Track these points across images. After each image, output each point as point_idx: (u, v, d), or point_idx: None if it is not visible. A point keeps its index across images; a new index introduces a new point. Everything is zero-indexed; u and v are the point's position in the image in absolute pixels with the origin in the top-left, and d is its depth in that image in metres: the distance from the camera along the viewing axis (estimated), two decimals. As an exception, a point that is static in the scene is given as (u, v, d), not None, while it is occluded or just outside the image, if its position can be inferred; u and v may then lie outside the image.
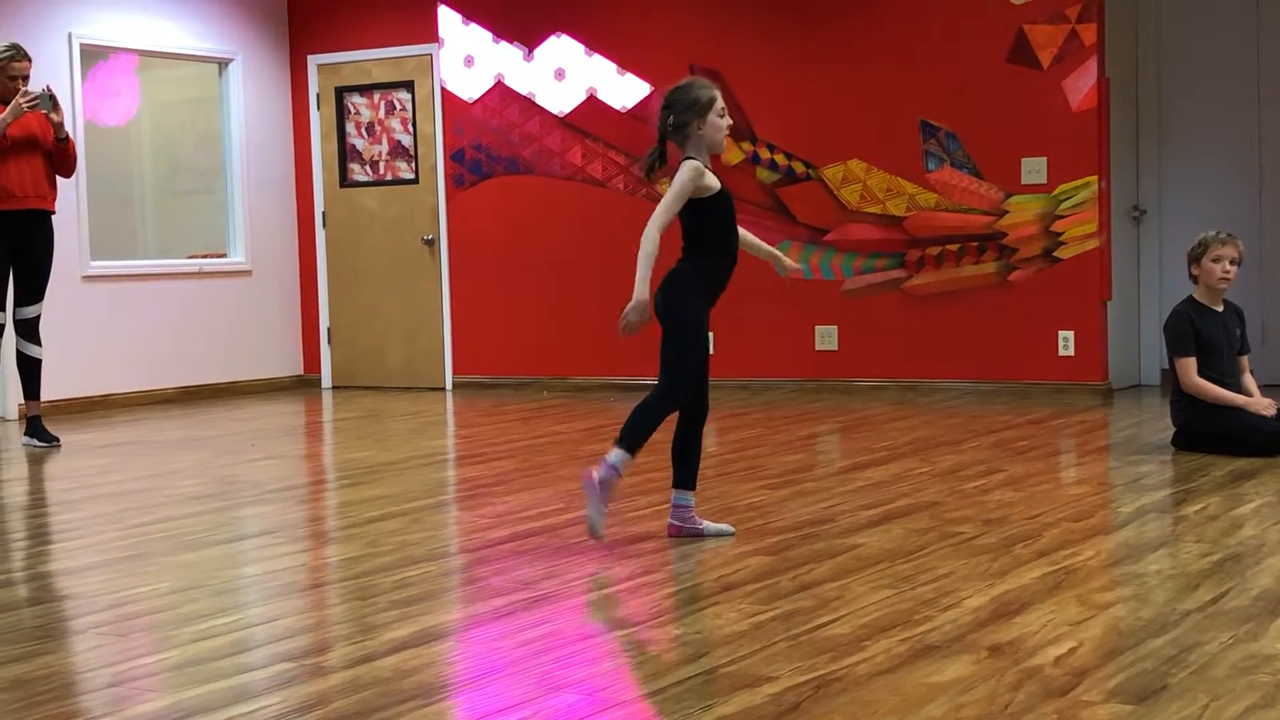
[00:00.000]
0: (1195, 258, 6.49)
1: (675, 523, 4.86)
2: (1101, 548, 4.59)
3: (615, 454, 4.67)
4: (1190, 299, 6.53)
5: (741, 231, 4.92)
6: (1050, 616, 3.69)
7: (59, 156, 7.67)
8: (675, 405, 4.74)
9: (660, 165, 4.77)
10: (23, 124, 7.51)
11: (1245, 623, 3.58)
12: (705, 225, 4.73)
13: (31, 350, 7.76)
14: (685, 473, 4.85)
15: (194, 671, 3.43)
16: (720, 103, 4.71)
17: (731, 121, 4.77)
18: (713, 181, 4.67)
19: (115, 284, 9.86)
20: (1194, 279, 6.54)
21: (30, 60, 7.66)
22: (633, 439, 4.68)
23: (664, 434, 4.80)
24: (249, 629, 3.92)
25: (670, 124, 4.69)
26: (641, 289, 4.57)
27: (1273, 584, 3.99)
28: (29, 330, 7.73)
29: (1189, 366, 6.40)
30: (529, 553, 4.71)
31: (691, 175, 4.62)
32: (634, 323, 4.59)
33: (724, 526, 4.90)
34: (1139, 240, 9.50)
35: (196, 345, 10.34)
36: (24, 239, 7.61)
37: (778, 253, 5.16)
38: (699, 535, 4.83)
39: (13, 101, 7.42)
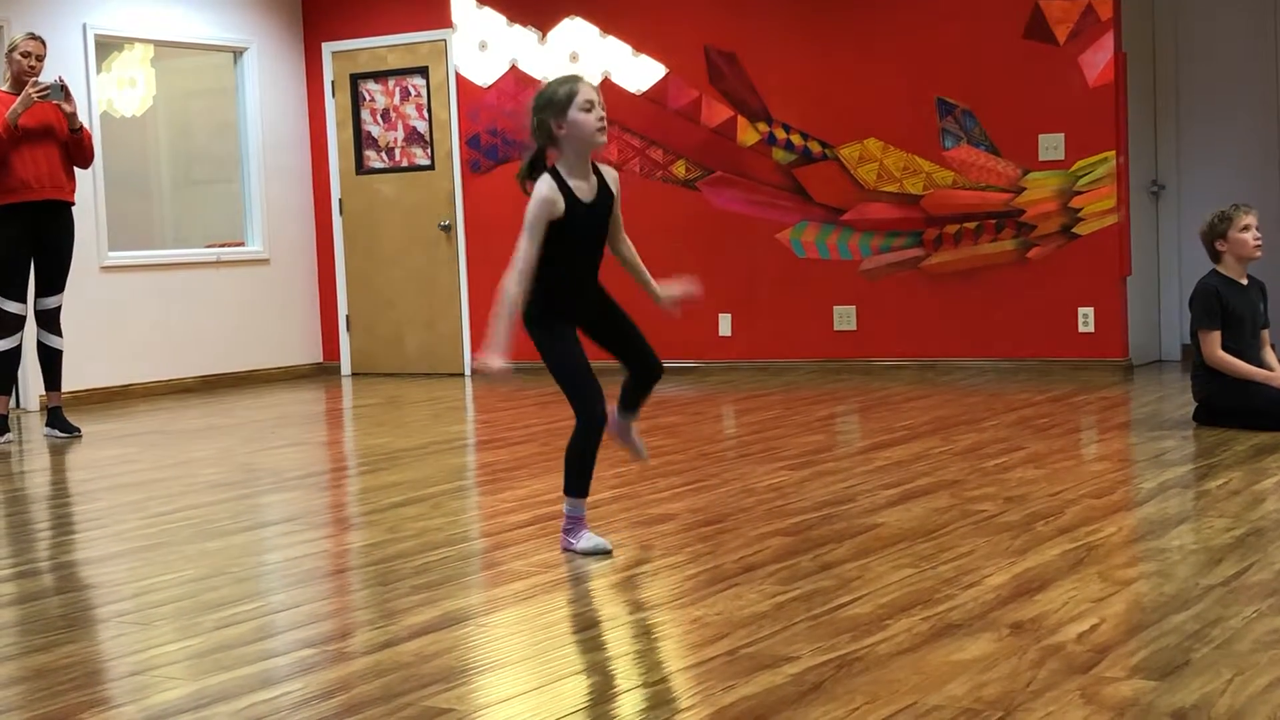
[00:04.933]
0: (1220, 233, 6.44)
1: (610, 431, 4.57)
2: (1123, 524, 4.58)
3: (566, 504, 4.47)
4: (1215, 272, 6.50)
5: (632, 258, 4.55)
6: (1072, 593, 3.68)
7: (75, 147, 7.67)
8: (594, 423, 4.37)
9: (534, 173, 4.31)
10: (37, 114, 7.52)
11: (1268, 597, 3.57)
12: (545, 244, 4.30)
13: (52, 341, 7.78)
14: (626, 399, 4.58)
15: (217, 659, 3.44)
16: (584, 96, 4.20)
17: (603, 114, 4.22)
18: (559, 207, 4.24)
19: (133, 274, 9.88)
20: (1215, 256, 6.50)
21: (43, 42, 7.67)
22: (575, 482, 4.43)
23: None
24: (271, 616, 3.93)
25: (534, 127, 4.27)
26: (497, 340, 4.25)
27: (1296, 558, 3.98)
28: (50, 321, 7.76)
29: (1214, 340, 6.37)
30: (549, 536, 4.71)
31: (537, 208, 4.23)
32: (490, 370, 4.25)
33: (601, 544, 4.45)
34: (1158, 215, 9.46)
35: (215, 334, 10.36)
36: (44, 230, 7.62)
37: (653, 286, 4.57)
38: (628, 446, 4.69)
39: (23, 91, 7.43)
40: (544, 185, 4.26)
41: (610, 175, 4.45)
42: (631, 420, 4.72)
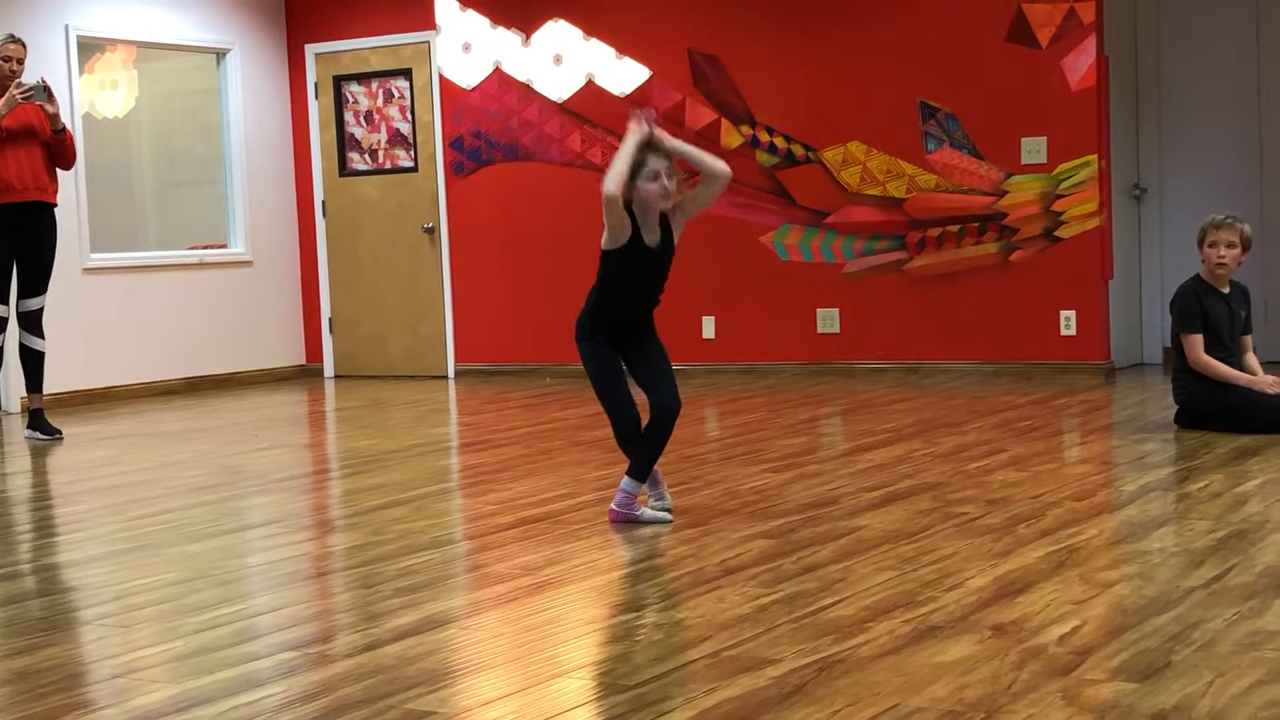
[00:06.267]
0: (1198, 242, 6.51)
1: (615, 508, 4.88)
2: (1105, 526, 4.59)
3: (625, 480, 4.90)
4: (1197, 277, 6.54)
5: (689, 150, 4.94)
6: (1054, 596, 3.69)
7: (57, 148, 7.67)
8: (621, 432, 4.86)
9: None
10: (20, 116, 7.51)
11: (1249, 599, 3.58)
12: (605, 271, 4.82)
13: (35, 343, 7.76)
14: (634, 464, 4.87)
15: (198, 662, 3.43)
16: (651, 167, 4.70)
17: (666, 185, 4.71)
18: (618, 237, 4.74)
19: (116, 276, 9.85)
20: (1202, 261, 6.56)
21: (24, 45, 7.66)
22: (631, 467, 4.88)
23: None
24: (253, 618, 3.92)
25: None
26: (631, 142, 4.69)
27: (1276, 560, 3.99)
28: (32, 323, 7.74)
29: (1196, 343, 6.40)
30: (532, 539, 4.71)
31: (610, 214, 4.69)
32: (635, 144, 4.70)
33: (661, 514, 4.89)
34: (1140, 218, 9.49)
35: (198, 336, 10.34)
36: (26, 231, 7.61)
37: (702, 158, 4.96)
38: (635, 522, 4.84)
39: (6, 93, 7.43)
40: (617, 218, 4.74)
41: (678, 226, 4.92)
42: (636, 489, 4.89)
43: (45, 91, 7.51)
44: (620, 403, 4.84)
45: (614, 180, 4.64)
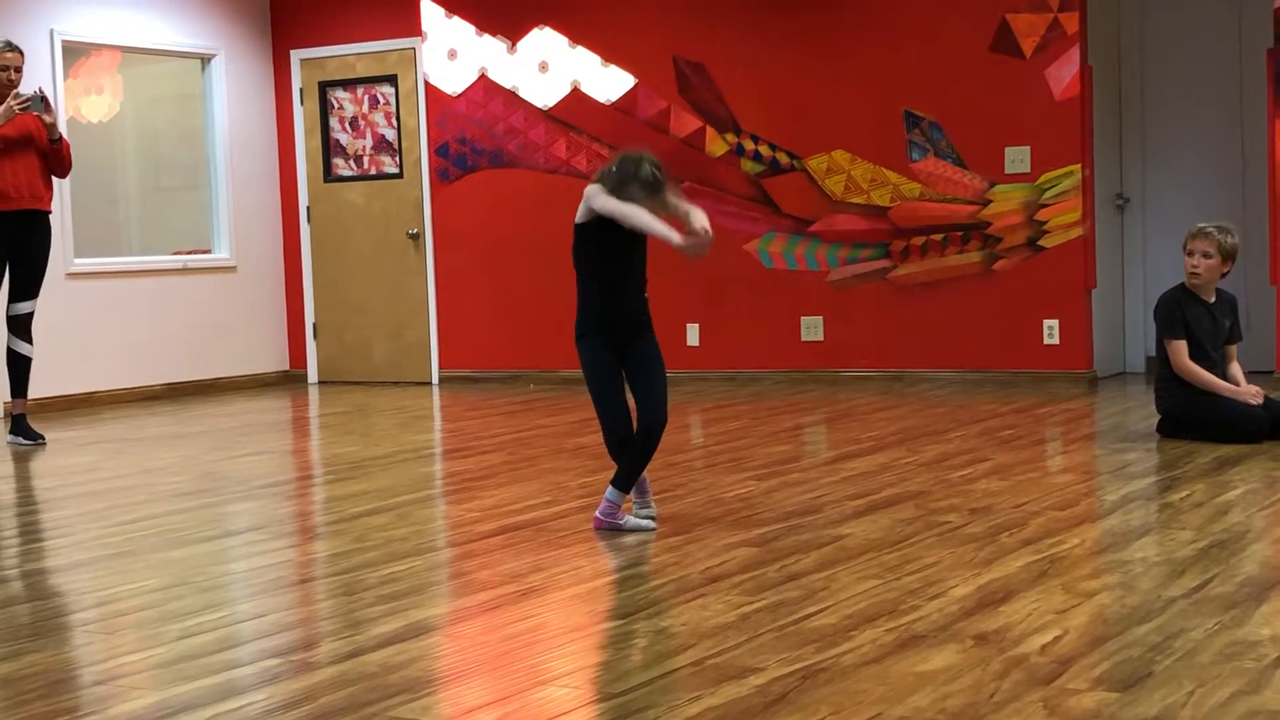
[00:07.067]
0: (1183, 249, 6.54)
1: (599, 516, 4.90)
2: (1087, 535, 4.60)
3: (609, 490, 4.90)
4: (1181, 285, 6.55)
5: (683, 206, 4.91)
6: (1036, 605, 3.70)
7: (54, 157, 7.69)
8: (613, 439, 4.86)
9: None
10: (18, 125, 7.52)
11: (1230, 609, 3.60)
12: (586, 252, 4.88)
13: (22, 348, 7.75)
14: (619, 473, 4.88)
15: (181, 668, 3.43)
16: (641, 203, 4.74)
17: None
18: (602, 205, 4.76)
19: (100, 281, 9.83)
20: None
21: (22, 53, 7.67)
22: (616, 475, 4.89)
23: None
24: (236, 625, 3.92)
25: (616, 180, 4.80)
26: (665, 231, 4.68)
27: (1257, 570, 4.01)
28: (21, 327, 7.73)
29: (1180, 349, 6.42)
30: (516, 546, 4.71)
31: (592, 196, 4.77)
32: (695, 249, 4.71)
33: (644, 523, 4.90)
34: (1123, 228, 9.52)
35: (182, 342, 10.32)
36: (20, 239, 7.62)
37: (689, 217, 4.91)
38: (619, 530, 4.85)
39: (3, 104, 7.44)
40: (594, 188, 4.81)
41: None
42: (622, 499, 4.90)
43: (42, 102, 7.53)
44: (614, 410, 4.84)
45: (614, 211, 4.71)
